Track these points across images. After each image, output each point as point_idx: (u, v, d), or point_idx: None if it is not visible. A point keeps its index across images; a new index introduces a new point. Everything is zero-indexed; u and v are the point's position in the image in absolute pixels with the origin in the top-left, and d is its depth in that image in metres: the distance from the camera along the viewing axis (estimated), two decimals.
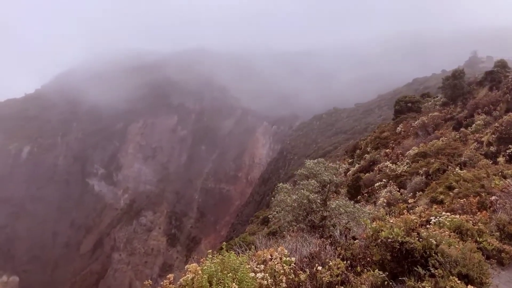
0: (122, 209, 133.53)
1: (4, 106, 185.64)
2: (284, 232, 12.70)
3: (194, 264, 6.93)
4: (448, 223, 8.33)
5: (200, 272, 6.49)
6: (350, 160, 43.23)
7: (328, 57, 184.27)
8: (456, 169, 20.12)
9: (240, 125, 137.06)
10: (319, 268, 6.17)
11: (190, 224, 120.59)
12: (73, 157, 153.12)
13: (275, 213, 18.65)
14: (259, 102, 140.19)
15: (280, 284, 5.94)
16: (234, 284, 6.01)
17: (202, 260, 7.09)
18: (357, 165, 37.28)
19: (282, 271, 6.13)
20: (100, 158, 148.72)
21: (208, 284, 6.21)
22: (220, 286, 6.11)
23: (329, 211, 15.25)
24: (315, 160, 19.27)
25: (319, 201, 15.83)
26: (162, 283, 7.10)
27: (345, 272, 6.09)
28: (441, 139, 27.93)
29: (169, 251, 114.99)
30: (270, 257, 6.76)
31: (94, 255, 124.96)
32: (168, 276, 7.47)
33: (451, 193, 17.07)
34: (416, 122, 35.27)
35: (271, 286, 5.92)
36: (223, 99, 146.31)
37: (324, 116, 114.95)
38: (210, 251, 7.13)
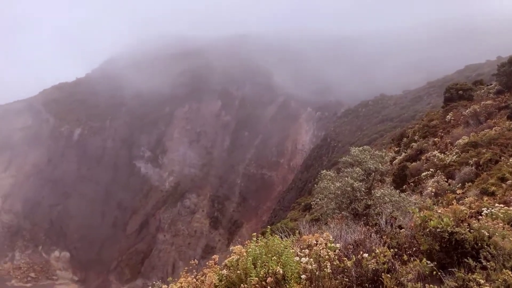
0: (167, 191, 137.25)
1: (57, 90, 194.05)
2: (329, 219, 12.64)
3: (239, 246, 7.05)
4: (501, 215, 8.00)
5: (245, 254, 6.60)
6: (396, 149, 42.27)
7: (373, 43, 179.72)
8: (510, 160, 19.26)
9: (283, 111, 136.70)
10: (365, 255, 6.12)
11: (232, 208, 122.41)
12: (121, 140, 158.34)
13: (317, 200, 18.58)
14: (303, 88, 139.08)
15: (325, 269, 5.94)
16: (278, 267, 6.06)
17: (246, 242, 7.20)
18: (403, 154, 36.46)
19: (327, 256, 6.13)
20: (146, 141, 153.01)
21: (252, 266, 6.30)
22: (264, 269, 6.19)
23: (373, 200, 15.06)
24: (361, 148, 18.98)
25: (363, 189, 15.64)
26: (207, 263, 7.28)
27: (392, 260, 6.00)
28: (494, 128, 26.73)
29: (211, 234, 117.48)
30: (315, 242, 6.77)
31: (140, 235, 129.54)
32: (213, 256, 7.64)
33: (503, 184, 16.41)
34: (467, 111, 33.85)
35: (315, 271, 5.93)
36: (266, 85, 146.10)
37: (371, 103, 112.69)
38: (254, 234, 7.22)
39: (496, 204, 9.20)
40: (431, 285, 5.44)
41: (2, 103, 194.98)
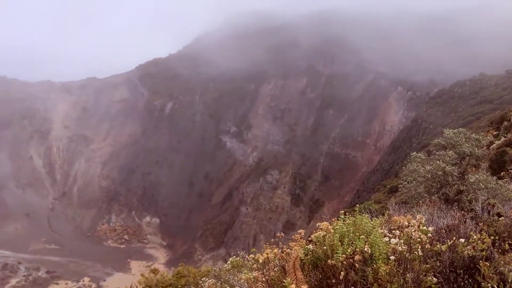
0: (250, 166, 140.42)
1: (151, 65, 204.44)
2: (420, 202, 12.19)
3: (325, 222, 7.06)
4: None
5: (332, 230, 6.60)
6: (495, 133, 39.17)
7: (472, 17, 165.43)
8: None
9: (372, 90, 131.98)
10: (461, 240, 5.84)
11: (314, 187, 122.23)
12: (208, 115, 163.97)
13: (405, 183, 17.93)
14: (394, 66, 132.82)
15: (415, 252, 5.76)
16: (366, 246, 5.99)
17: (333, 219, 7.18)
18: (503, 139, 33.73)
19: (418, 239, 5.93)
20: (232, 117, 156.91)
21: (339, 243, 6.28)
22: (351, 247, 6.15)
23: (466, 185, 14.28)
24: (455, 130, 17.97)
25: (456, 174, 14.89)
26: (293, 236, 7.39)
27: (491, 248, 5.67)
28: None
29: (292, 210, 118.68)
30: (407, 224, 6.58)
31: (223, 206, 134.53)
32: (299, 231, 7.74)
33: None
34: None
35: (405, 253, 5.78)
36: (354, 62, 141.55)
37: (468, 83, 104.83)
38: (342, 211, 7.18)
39: None
40: None
41: (102, 77, 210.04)
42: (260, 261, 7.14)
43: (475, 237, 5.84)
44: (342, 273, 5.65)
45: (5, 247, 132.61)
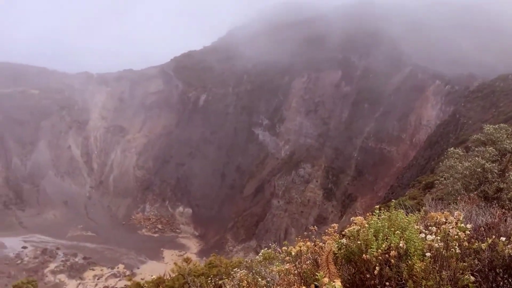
0: (282, 159, 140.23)
1: (186, 57, 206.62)
2: (458, 198, 11.89)
3: (359, 217, 7.00)
4: None
5: (366, 225, 6.54)
6: None
7: (510, 10, 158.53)
8: None
9: (408, 83, 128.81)
10: (502, 239, 5.67)
11: (347, 181, 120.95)
12: (241, 107, 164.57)
13: (442, 179, 17.53)
14: (431, 59, 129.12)
15: (452, 249, 5.64)
16: (401, 242, 5.91)
17: (368, 214, 7.11)
18: None
19: (456, 236, 5.80)
20: (265, 109, 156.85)
21: (373, 238, 6.22)
22: (386, 242, 6.08)
23: (506, 183, 13.88)
24: (496, 126, 17.41)
25: (496, 171, 14.47)
26: (327, 230, 7.37)
27: None
28: None
29: (324, 205, 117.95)
30: (444, 220, 6.44)
31: (255, 198, 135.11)
32: (332, 225, 7.70)
33: None
34: None
35: (442, 250, 5.66)
36: (391, 55, 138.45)
37: (511, 77, 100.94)
38: (377, 206, 7.09)
39: None
40: None
41: (138, 69, 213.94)
42: (293, 253, 7.17)
43: None
44: (377, 268, 5.60)
45: (45, 233, 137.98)
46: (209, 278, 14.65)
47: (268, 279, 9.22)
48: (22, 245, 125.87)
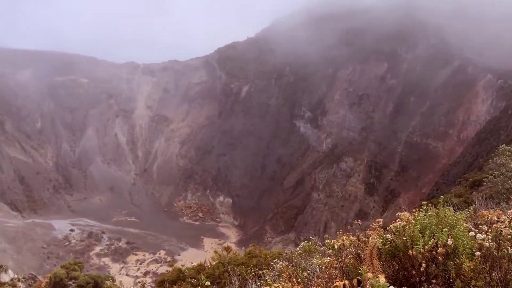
0: (324, 152, 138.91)
1: (230, 48, 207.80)
2: (510, 197, 11.41)
3: (406, 212, 6.84)
4: None
5: (412, 221, 6.39)
6: None
7: None
8: None
9: (457, 77, 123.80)
10: None
11: (390, 176, 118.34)
12: (283, 99, 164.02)
13: (491, 177, 16.83)
14: (483, 52, 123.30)
15: (504, 250, 5.41)
16: (449, 240, 5.74)
17: (414, 210, 6.94)
18: None
19: (509, 236, 5.56)
20: (307, 101, 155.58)
21: (420, 234, 6.07)
22: (433, 239, 5.92)
23: None
24: None
25: None
26: (371, 225, 7.25)
27: None
28: None
29: (366, 199, 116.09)
30: (496, 219, 6.19)
31: (295, 191, 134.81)
32: (377, 220, 7.57)
33: None
34: None
35: (493, 250, 5.45)
36: (440, 47, 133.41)
37: None
38: (425, 202, 6.91)
39: None
40: None
41: (183, 60, 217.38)
42: (336, 247, 7.10)
43: None
44: (423, 265, 5.47)
45: (91, 217, 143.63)
46: (249, 268, 14.78)
47: (309, 271, 9.18)
48: (70, 228, 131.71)
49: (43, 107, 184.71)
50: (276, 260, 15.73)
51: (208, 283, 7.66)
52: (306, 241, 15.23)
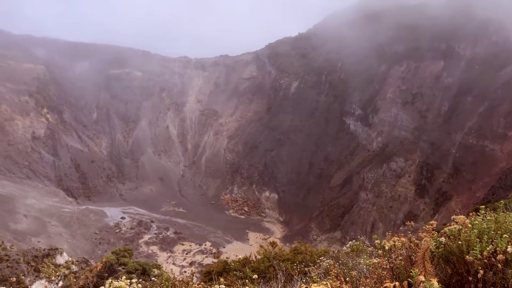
0: (374, 151, 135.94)
1: (281, 44, 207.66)
2: None
3: (462, 216, 6.59)
4: None
5: (469, 225, 6.14)
6: None
7: None
8: None
9: None
10: None
11: (442, 178, 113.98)
12: (333, 96, 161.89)
13: None
14: None
15: None
16: (509, 246, 5.46)
17: (470, 214, 6.68)
18: None
19: None
20: (358, 99, 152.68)
21: (477, 239, 5.83)
22: (491, 245, 5.66)
23: None
24: None
25: None
26: (424, 227, 7.03)
27: None
28: None
29: (416, 201, 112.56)
30: None
31: (342, 190, 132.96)
32: (430, 222, 7.33)
33: None
34: None
35: None
36: (503, 45, 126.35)
37: None
38: (483, 206, 6.62)
39: None
40: None
41: (234, 55, 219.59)
42: (386, 247, 6.95)
43: None
44: (481, 271, 5.24)
45: (141, 206, 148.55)
46: (295, 264, 14.77)
47: (356, 271, 9.05)
48: (121, 216, 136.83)
49: (99, 98, 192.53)
50: (322, 258, 15.62)
51: (255, 276, 7.73)
52: (354, 241, 15.00)
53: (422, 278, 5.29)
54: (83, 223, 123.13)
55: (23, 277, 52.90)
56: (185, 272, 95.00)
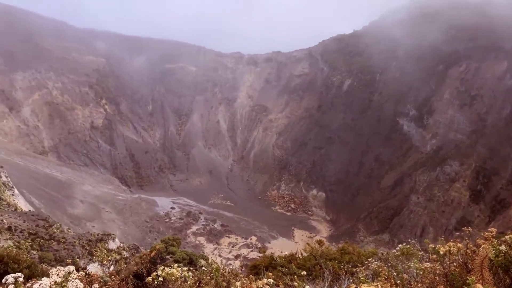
0: (427, 153, 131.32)
1: (335, 41, 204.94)
2: None
3: None
4: None
5: None
6: None
7: None
8: None
9: None
10: None
11: (500, 185, 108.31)
12: (387, 95, 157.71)
13: None
14: None
15: None
16: None
17: None
18: None
19: None
20: (413, 99, 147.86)
21: None
22: None
23: None
24: None
25: None
26: (484, 234, 6.77)
27: None
28: None
29: (470, 207, 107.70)
30: None
31: (393, 191, 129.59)
32: (490, 229, 7.04)
33: None
34: None
35: None
36: None
37: None
38: None
39: None
40: None
41: (286, 51, 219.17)
42: (441, 252, 6.75)
43: None
44: None
45: (191, 197, 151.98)
46: (342, 264, 14.63)
47: (405, 274, 8.85)
48: (171, 206, 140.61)
49: (154, 91, 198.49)
50: (370, 259, 15.37)
51: (304, 273, 7.74)
52: (404, 244, 14.64)
53: (479, 286, 5.11)
54: (135, 211, 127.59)
55: (77, 259, 55.56)
56: (230, 264, 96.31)
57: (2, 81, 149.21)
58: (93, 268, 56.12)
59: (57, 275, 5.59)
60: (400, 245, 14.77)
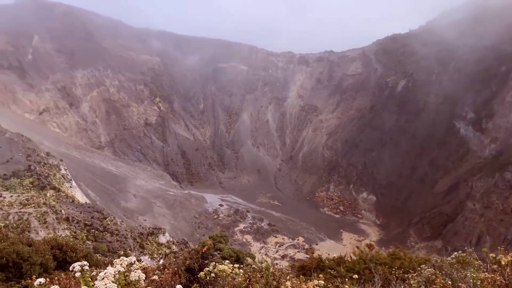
0: (485, 158, 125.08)
1: (389, 40, 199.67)
2: None
3: None
4: None
5: None
6: None
7: None
8: None
9: None
10: None
11: None
12: (443, 97, 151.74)
13: None
14: None
15: None
16: None
17: None
18: None
19: None
20: (472, 101, 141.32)
21: None
22: None
23: None
24: None
25: None
26: None
27: None
28: None
29: None
30: None
31: (447, 197, 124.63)
32: None
33: None
34: None
35: None
36: None
37: None
38: None
39: None
40: None
41: (339, 51, 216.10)
42: (502, 262, 6.40)
43: None
44: None
45: (239, 195, 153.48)
46: (393, 269, 14.23)
47: (462, 284, 8.46)
48: (219, 203, 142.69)
49: (206, 90, 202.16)
50: (423, 265, 14.86)
51: (356, 276, 7.59)
52: (460, 252, 14.03)
53: None
54: (185, 206, 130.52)
55: (129, 251, 57.60)
56: (277, 264, 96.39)
57: (64, 78, 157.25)
58: (144, 261, 57.95)
59: (121, 265, 5.85)
60: (456, 252, 14.18)
